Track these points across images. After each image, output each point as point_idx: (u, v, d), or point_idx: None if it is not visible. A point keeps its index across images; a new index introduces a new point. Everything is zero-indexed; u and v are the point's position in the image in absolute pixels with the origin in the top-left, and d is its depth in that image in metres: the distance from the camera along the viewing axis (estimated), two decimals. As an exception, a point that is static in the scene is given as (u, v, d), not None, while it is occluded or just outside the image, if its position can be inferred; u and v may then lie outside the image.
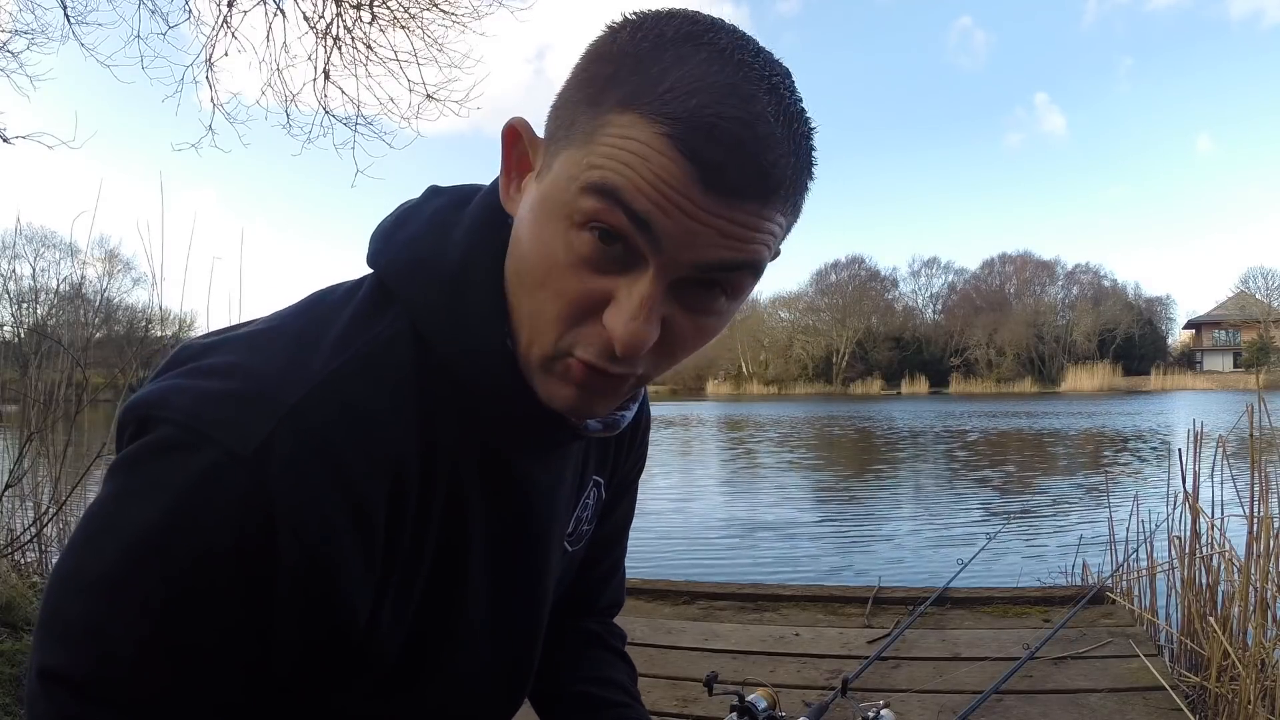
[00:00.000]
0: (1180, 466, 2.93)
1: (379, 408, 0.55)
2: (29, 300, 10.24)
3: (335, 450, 0.51)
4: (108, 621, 0.49)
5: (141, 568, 0.48)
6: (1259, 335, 52.81)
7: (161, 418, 0.50)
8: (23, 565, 3.40)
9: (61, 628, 0.50)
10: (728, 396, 56.10)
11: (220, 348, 0.55)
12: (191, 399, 0.51)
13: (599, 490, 0.82)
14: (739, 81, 0.50)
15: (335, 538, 0.51)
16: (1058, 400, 38.04)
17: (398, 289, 0.59)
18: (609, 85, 0.51)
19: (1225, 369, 55.75)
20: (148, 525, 0.48)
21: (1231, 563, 2.62)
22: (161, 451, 0.49)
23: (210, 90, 4.86)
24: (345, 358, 0.55)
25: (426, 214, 0.63)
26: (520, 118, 0.58)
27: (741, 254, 0.52)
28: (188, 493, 0.48)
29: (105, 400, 3.91)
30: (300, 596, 0.51)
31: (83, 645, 0.49)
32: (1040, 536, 6.31)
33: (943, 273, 66.02)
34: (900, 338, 62.16)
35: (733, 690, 1.09)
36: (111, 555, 0.49)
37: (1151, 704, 2.16)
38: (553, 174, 0.54)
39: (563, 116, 0.54)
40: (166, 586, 0.48)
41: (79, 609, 0.50)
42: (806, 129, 0.54)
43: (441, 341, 0.58)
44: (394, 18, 4.83)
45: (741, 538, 6.79)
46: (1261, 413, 2.57)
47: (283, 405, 0.50)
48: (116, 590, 0.49)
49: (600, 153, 0.50)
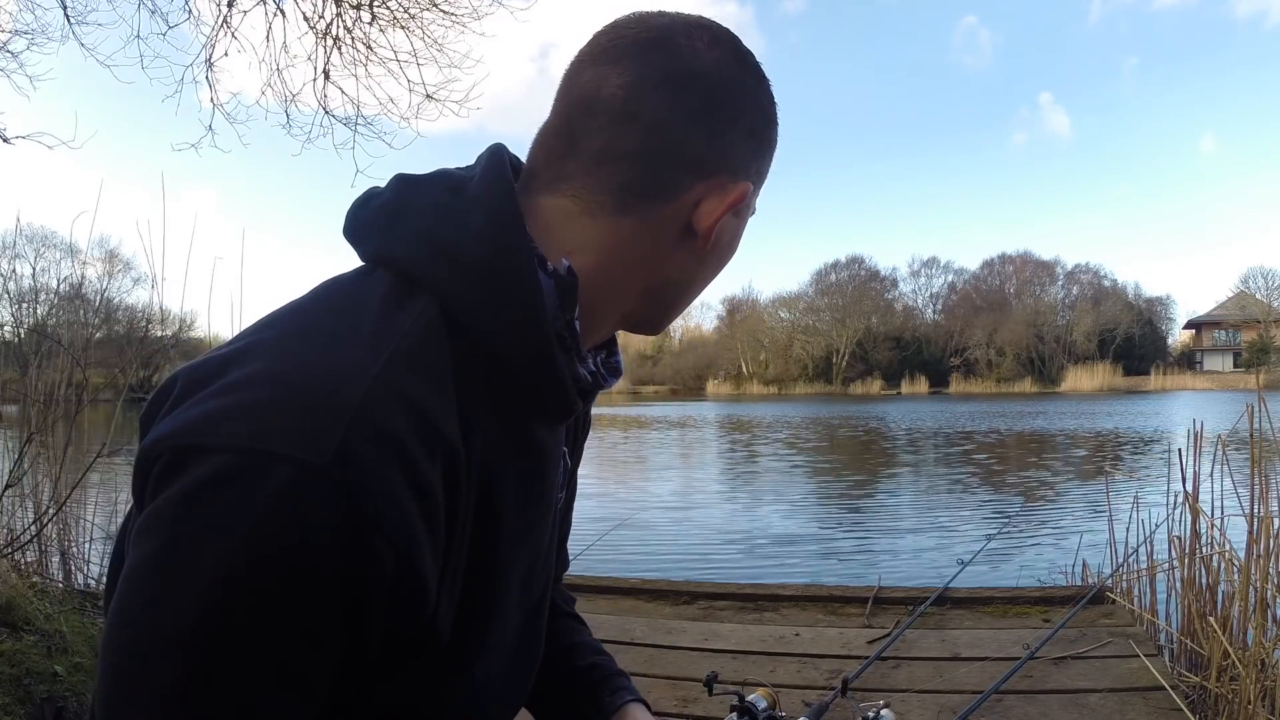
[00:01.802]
0: (1180, 466, 2.92)
1: (432, 399, 0.54)
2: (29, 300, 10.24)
3: (406, 447, 0.50)
4: (207, 683, 0.44)
5: (235, 612, 0.44)
6: (1259, 335, 52.83)
7: (210, 446, 0.45)
8: (23, 565, 3.40)
9: (151, 696, 0.45)
10: (728, 396, 56.10)
11: (242, 359, 0.51)
12: (243, 418, 0.46)
13: (565, 459, 0.83)
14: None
15: (418, 536, 0.50)
16: (1058, 400, 38.05)
17: (425, 278, 0.59)
18: (771, 128, 0.68)
19: (1225, 369, 55.77)
20: (229, 565, 0.44)
21: (1231, 563, 2.62)
22: (225, 482, 0.44)
23: (210, 90, 4.86)
24: (391, 351, 0.53)
25: (427, 204, 0.63)
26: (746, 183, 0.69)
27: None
28: (268, 519, 0.44)
29: (105, 400, 3.91)
30: (395, 599, 0.50)
31: (179, 710, 0.45)
32: (1040, 536, 6.31)
33: (943, 273, 66.16)
34: (900, 338, 62.17)
35: (733, 690, 1.08)
36: (191, 607, 0.44)
37: (1151, 704, 2.16)
38: (748, 212, 0.69)
39: (747, 163, 0.67)
40: (269, 625, 0.45)
41: (168, 674, 0.44)
42: None
43: (484, 323, 0.59)
44: (394, 18, 4.83)
45: (741, 538, 6.79)
46: (1261, 413, 2.57)
47: (348, 406, 0.48)
48: (212, 645, 0.44)
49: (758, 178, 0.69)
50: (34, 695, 2.38)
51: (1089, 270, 62.79)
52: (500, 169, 0.64)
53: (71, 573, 3.63)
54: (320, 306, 0.58)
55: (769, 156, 0.69)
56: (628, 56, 0.63)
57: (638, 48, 0.63)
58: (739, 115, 0.65)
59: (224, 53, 4.75)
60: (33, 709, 2.34)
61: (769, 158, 0.69)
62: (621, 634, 2.83)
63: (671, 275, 0.68)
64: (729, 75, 0.64)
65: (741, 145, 0.66)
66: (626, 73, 0.62)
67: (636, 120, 0.61)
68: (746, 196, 0.67)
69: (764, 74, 0.67)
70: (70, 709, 2.42)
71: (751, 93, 0.66)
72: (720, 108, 0.64)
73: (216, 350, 0.55)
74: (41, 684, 2.42)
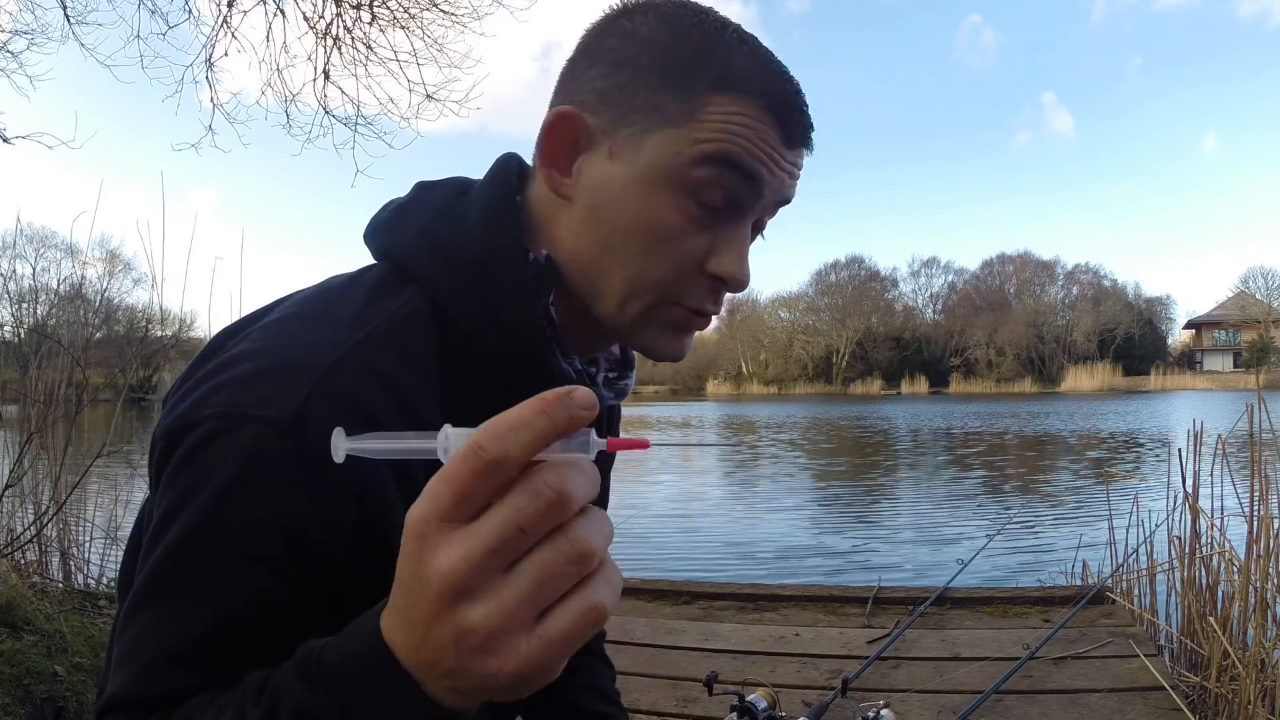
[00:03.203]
0: (1180, 466, 2.92)
1: (406, 376, 0.57)
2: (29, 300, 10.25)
3: (370, 409, 0.54)
4: (165, 625, 0.50)
5: (197, 558, 0.50)
6: (1259, 335, 52.80)
7: (199, 420, 0.53)
8: (23, 565, 3.39)
9: (120, 650, 0.52)
10: (728, 396, 56.08)
11: (240, 338, 0.58)
12: (223, 391, 0.53)
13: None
14: (775, 60, 0.63)
15: (385, 489, 0.54)
16: (1058, 400, 38.04)
17: (417, 271, 0.63)
18: (694, 70, 0.60)
19: (1225, 369, 55.74)
20: (198, 515, 0.50)
21: (1231, 563, 2.61)
22: (204, 445, 0.52)
23: (210, 90, 4.86)
24: (367, 330, 0.58)
25: (430, 204, 0.66)
26: (568, 106, 0.62)
27: (793, 189, 0.66)
28: (239, 469, 0.50)
29: (105, 400, 3.91)
30: (363, 545, 0.53)
31: (137, 657, 0.50)
32: (1040, 536, 6.30)
33: (943, 273, 66.11)
34: (900, 338, 62.16)
35: (733, 690, 1.09)
36: (163, 557, 0.51)
37: (1151, 704, 2.16)
38: (647, 153, 0.61)
39: (630, 100, 0.61)
40: (225, 571, 0.50)
41: (137, 623, 0.51)
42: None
43: (470, 316, 0.62)
44: (394, 18, 4.83)
45: (742, 538, 6.79)
46: (1261, 413, 2.57)
47: (314, 374, 0.53)
48: (173, 591, 0.51)
49: (710, 129, 0.60)
50: (34, 695, 2.38)
51: (1089, 270, 62.84)
52: (504, 172, 0.66)
53: (71, 573, 3.62)
54: (316, 292, 0.63)
55: (652, 85, 0.60)
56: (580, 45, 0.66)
57: (588, 34, 0.66)
58: (601, 53, 0.63)
59: (224, 53, 4.75)
60: (33, 709, 2.34)
61: (654, 86, 0.60)
62: (621, 634, 2.83)
63: (567, 247, 0.64)
64: (621, 27, 0.63)
65: (598, 81, 0.62)
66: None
67: (568, 101, 0.64)
68: (571, 121, 0.62)
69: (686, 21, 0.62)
70: (70, 709, 2.42)
71: (630, 32, 0.62)
72: (594, 55, 0.63)
73: (232, 325, 0.63)
74: (41, 684, 2.42)
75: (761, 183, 0.62)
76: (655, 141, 0.60)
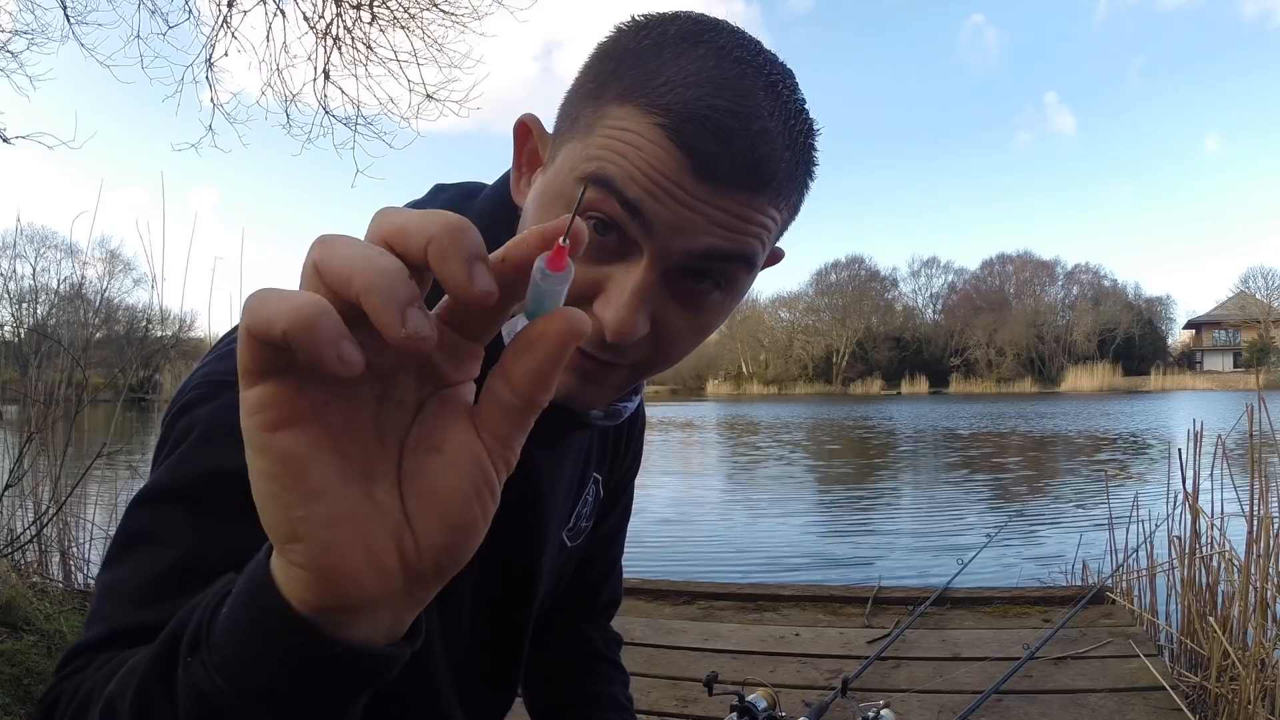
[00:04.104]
0: (1180, 467, 2.92)
1: None
2: (29, 300, 10.25)
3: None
4: (129, 572, 0.51)
5: (160, 506, 0.53)
6: (1259, 335, 52.79)
7: (188, 389, 0.57)
8: (23, 565, 3.39)
9: (94, 601, 0.53)
10: (728, 396, 56.08)
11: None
12: (210, 364, 0.58)
13: (597, 488, 0.83)
14: (735, 77, 0.52)
15: None
16: (1058, 400, 38.03)
17: None
18: (610, 80, 0.54)
19: (1225, 369, 55.72)
20: (170, 468, 0.53)
21: (1231, 563, 2.61)
22: (183, 411, 0.55)
23: (210, 90, 4.87)
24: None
25: (436, 206, 0.65)
26: (532, 114, 0.61)
27: (733, 244, 0.54)
28: (205, 432, 0.53)
29: (105, 400, 3.91)
30: None
31: (104, 604, 0.52)
32: (1040, 536, 6.30)
33: (942, 273, 66.11)
34: (900, 338, 62.15)
35: (733, 690, 1.09)
36: (134, 509, 0.54)
37: (1151, 704, 2.16)
38: (555, 166, 0.57)
39: (568, 112, 0.58)
40: (184, 515, 0.51)
41: (105, 574, 0.53)
42: (805, 127, 0.55)
43: None
44: (394, 18, 4.83)
45: (741, 538, 6.79)
46: (1261, 413, 2.57)
47: None
48: (139, 540, 0.52)
49: (598, 144, 0.53)
50: (34, 695, 2.38)
51: (1089, 270, 62.86)
52: (509, 176, 0.66)
53: (71, 573, 3.62)
54: None
55: (580, 96, 0.56)
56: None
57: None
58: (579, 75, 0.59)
59: (224, 53, 4.76)
60: (33, 709, 2.34)
61: (581, 97, 0.56)
62: (621, 634, 2.83)
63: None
64: (605, 38, 0.59)
65: (571, 101, 0.59)
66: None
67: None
68: (525, 130, 0.60)
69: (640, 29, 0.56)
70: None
71: (603, 43, 0.58)
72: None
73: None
74: (41, 684, 2.42)
75: (646, 215, 0.52)
76: (562, 155, 0.56)
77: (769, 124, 0.52)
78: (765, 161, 0.52)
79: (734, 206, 0.53)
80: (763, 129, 0.52)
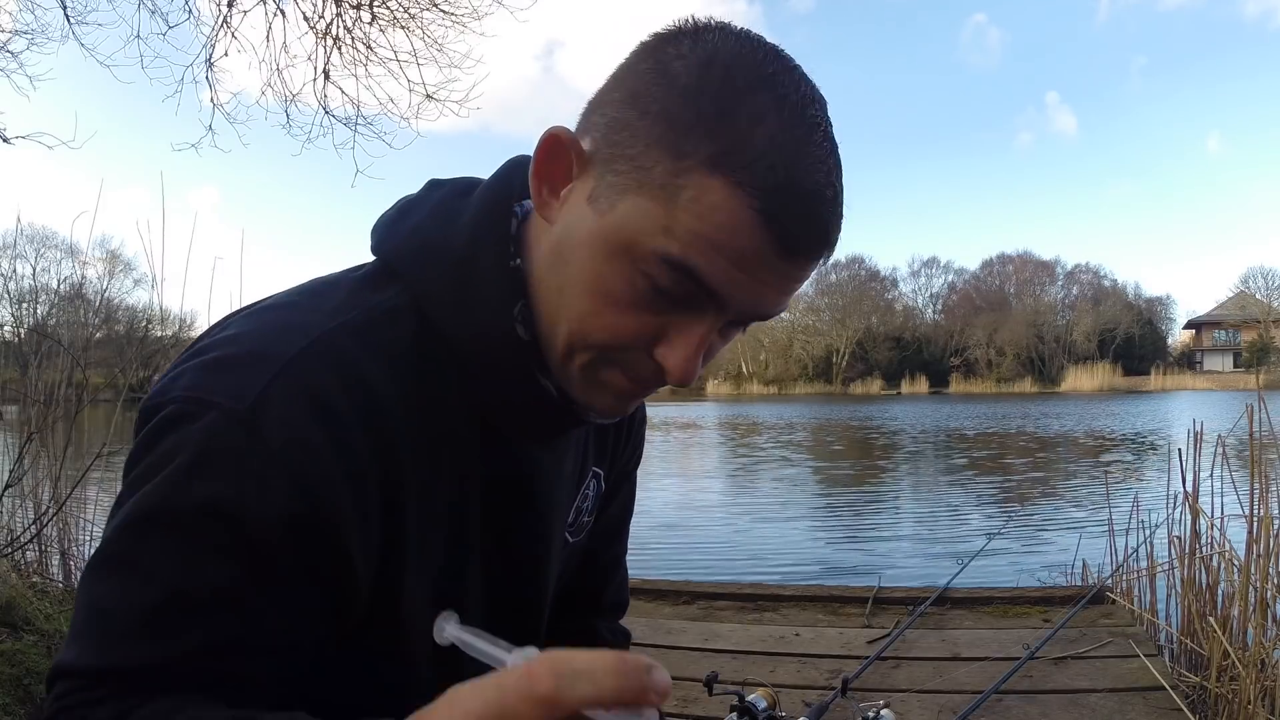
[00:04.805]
0: (1180, 466, 2.92)
1: (374, 368, 0.57)
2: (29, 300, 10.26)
3: (326, 399, 0.53)
4: (115, 601, 0.50)
5: (145, 537, 0.50)
6: (1259, 335, 52.79)
7: (166, 400, 0.53)
8: (23, 565, 3.39)
9: (73, 622, 0.52)
10: (728, 396, 56.08)
11: (227, 325, 0.59)
12: (191, 375, 0.54)
13: (598, 481, 0.82)
14: (811, 142, 0.53)
15: (333, 485, 0.53)
16: (1058, 400, 38.03)
17: (402, 269, 0.62)
18: (690, 135, 0.51)
19: (1225, 369, 55.72)
20: (150, 494, 0.51)
21: (1231, 563, 2.61)
22: (167, 427, 0.52)
23: (210, 90, 4.87)
24: (343, 321, 0.57)
25: (430, 203, 0.65)
26: (565, 128, 0.58)
27: (786, 300, 0.58)
28: (192, 457, 0.51)
29: (105, 400, 3.91)
30: (306, 542, 0.52)
31: (90, 631, 0.50)
32: (1040, 536, 6.30)
33: (942, 273, 66.06)
34: (900, 338, 62.14)
35: (733, 690, 1.08)
36: (116, 534, 0.51)
37: (1151, 704, 2.16)
38: (619, 214, 0.54)
39: (627, 146, 0.54)
40: (170, 551, 0.50)
41: (87, 596, 0.51)
42: (842, 175, 0.57)
43: (446, 317, 0.61)
44: (394, 18, 4.83)
45: (741, 538, 6.79)
46: (1261, 413, 2.57)
47: (277, 361, 0.53)
48: (122, 566, 0.50)
49: (685, 223, 0.52)
50: (34, 695, 2.38)
51: (1089, 270, 62.83)
52: (507, 175, 0.65)
53: (71, 573, 3.62)
54: (305, 285, 0.63)
55: (649, 138, 0.53)
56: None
57: (634, 52, 0.61)
58: (627, 79, 0.57)
59: (224, 53, 4.76)
60: (33, 709, 2.34)
61: (650, 141, 0.53)
62: (622, 634, 2.83)
63: (539, 270, 0.61)
64: (658, 55, 0.56)
65: (611, 110, 0.56)
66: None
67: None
68: (562, 147, 0.57)
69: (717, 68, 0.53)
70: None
71: (662, 65, 0.55)
72: (623, 79, 0.57)
73: (227, 315, 0.63)
74: (41, 684, 2.42)
75: (726, 301, 0.54)
76: (629, 206, 0.53)
77: (838, 193, 0.55)
78: (834, 230, 0.55)
79: (801, 272, 0.56)
80: (835, 200, 0.54)
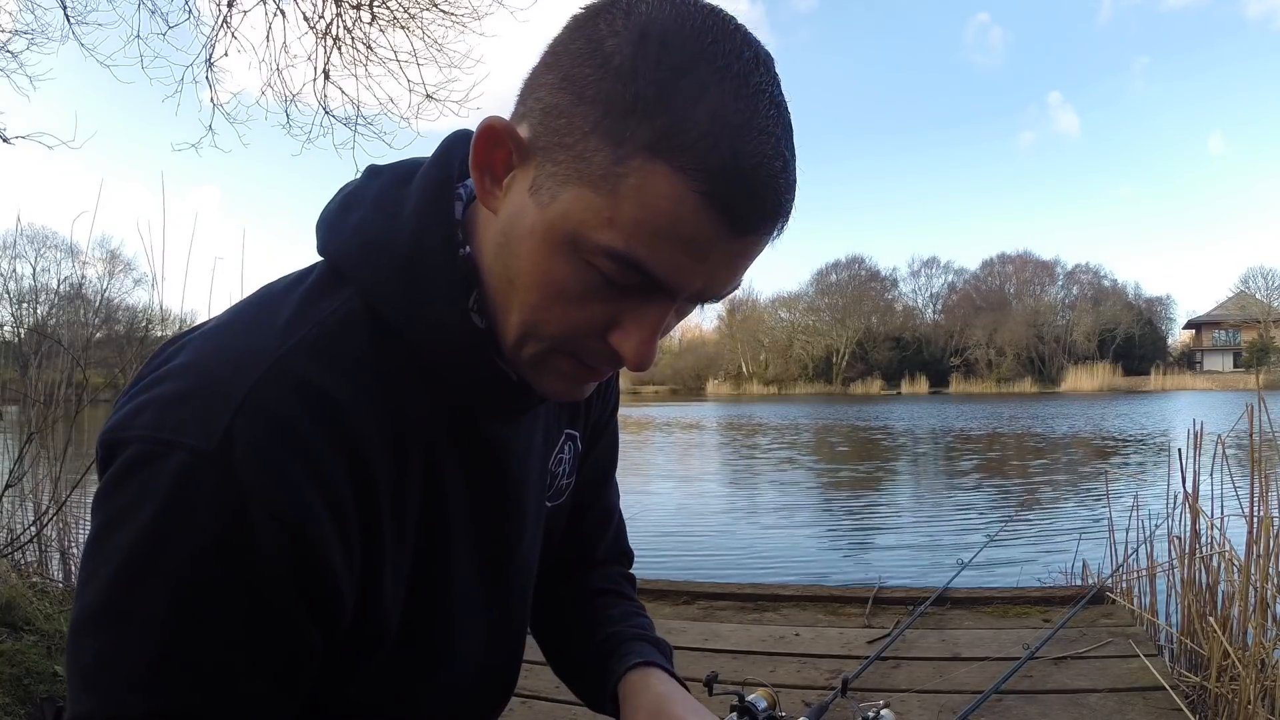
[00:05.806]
0: (1180, 466, 2.92)
1: (337, 385, 0.55)
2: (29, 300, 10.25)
3: (297, 430, 0.52)
4: (117, 653, 0.49)
5: (137, 589, 0.49)
6: (1259, 335, 52.80)
7: (128, 438, 0.51)
8: (23, 565, 3.40)
9: (79, 674, 0.50)
10: (728, 397, 56.07)
11: (180, 350, 0.56)
12: (152, 411, 0.51)
13: (574, 443, 0.82)
14: (756, 113, 0.50)
15: (315, 515, 0.52)
16: (1058, 400, 38.02)
17: (350, 271, 0.60)
18: (628, 119, 0.49)
19: (1225, 369, 55.71)
20: (135, 544, 0.49)
21: (1231, 563, 2.61)
22: (134, 469, 0.50)
23: (210, 90, 4.87)
24: (295, 339, 0.55)
25: (370, 196, 0.63)
26: (501, 118, 0.55)
27: (739, 278, 0.56)
28: (166, 503, 0.49)
29: (105, 400, 3.91)
30: (296, 575, 0.51)
31: (100, 683, 0.49)
32: (1040, 536, 6.30)
33: (943, 273, 66.09)
34: (900, 338, 62.14)
35: (733, 690, 1.08)
36: (107, 585, 0.49)
37: (1151, 704, 2.16)
38: (561, 206, 0.52)
39: (565, 134, 0.51)
40: (166, 601, 0.49)
41: (90, 648, 0.50)
42: (793, 138, 0.54)
43: (401, 317, 0.59)
44: (394, 18, 4.83)
45: (741, 538, 6.79)
46: (1261, 413, 2.57)
47: (238, 394, 0.51)
48: (119, 619, 0.49)
49: (628, 214, 0.50)
50: (34, 695, 2.38)
51: (1089, 270, 62.84)
52: (445, 158, 0.62)
53: (71, 573, 3.62)
54: (254, 296, 0.61)
55: (587, 124, 0.50)
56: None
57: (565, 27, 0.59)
58: (562, 59, 0.53)
59: (224, 53, 4.76)
60: (33, 709, 2.34)
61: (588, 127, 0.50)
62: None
63: (486, 258, 0.59)
64: (590, 31, 0.53)
65: (546, 94, 0.54)
66: None
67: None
68: (499, 136, 0.54)
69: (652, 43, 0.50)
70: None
71: (595, 41, 0.51)
72: (557, 59, 0.54)
73: (177, 335, 0.60)
74: (41, 684, 2.42)
75: (675, 291, 0.53)
76: (570, 198, 0.51)
77: (788, 164, 0.52)
78: (788, 200, 0.53)
79: (753, 248, 0.54)
80: (785, 171, 0.52)
